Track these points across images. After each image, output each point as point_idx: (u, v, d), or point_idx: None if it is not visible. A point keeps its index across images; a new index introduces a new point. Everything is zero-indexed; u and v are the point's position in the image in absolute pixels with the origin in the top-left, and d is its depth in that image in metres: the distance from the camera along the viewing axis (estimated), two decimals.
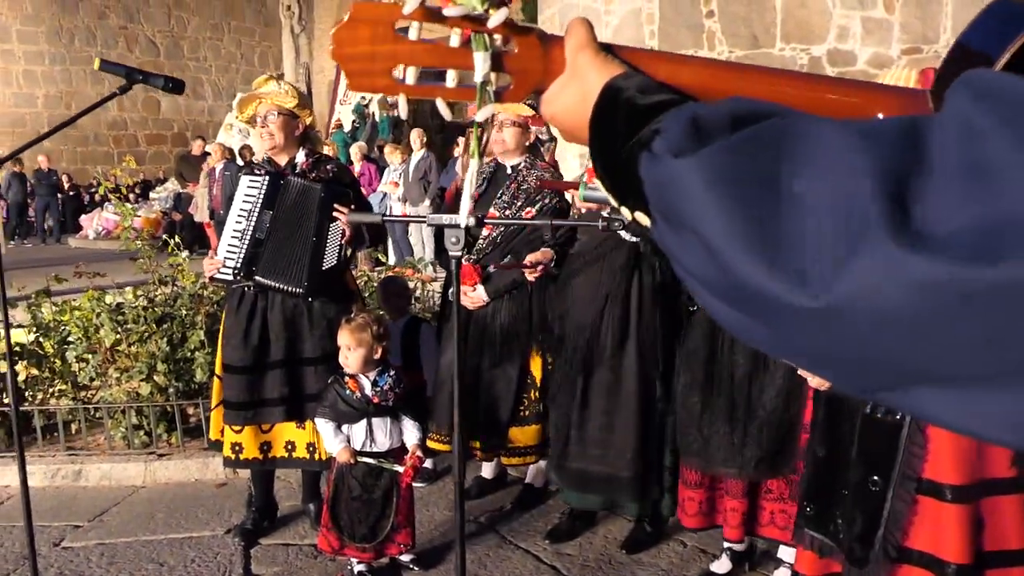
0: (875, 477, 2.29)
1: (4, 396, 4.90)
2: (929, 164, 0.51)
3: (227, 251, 3.46)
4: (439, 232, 4.27)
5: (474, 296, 3.74)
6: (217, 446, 3.74)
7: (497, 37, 0.82)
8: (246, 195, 3.50)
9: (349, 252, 3.62)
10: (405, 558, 3.47)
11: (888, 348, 0.52)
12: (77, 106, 20.78)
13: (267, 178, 3.48)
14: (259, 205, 3.47)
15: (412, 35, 0.81)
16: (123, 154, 21.22)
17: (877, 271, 0.49)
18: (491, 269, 3.73)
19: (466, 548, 2.65)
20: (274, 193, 3.46)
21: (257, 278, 3.43)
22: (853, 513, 2.34)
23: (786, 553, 3.25)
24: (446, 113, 0.89)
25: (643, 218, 0.71)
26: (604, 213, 3.03)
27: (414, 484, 3.44)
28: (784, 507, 3.12)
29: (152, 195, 16.10)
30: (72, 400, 4.93)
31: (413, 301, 5.88)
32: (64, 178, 18.58)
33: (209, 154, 13.09)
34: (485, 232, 3.76)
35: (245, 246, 3.44)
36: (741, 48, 8.28)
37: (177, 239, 6.03)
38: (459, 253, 1.83)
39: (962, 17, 7.86)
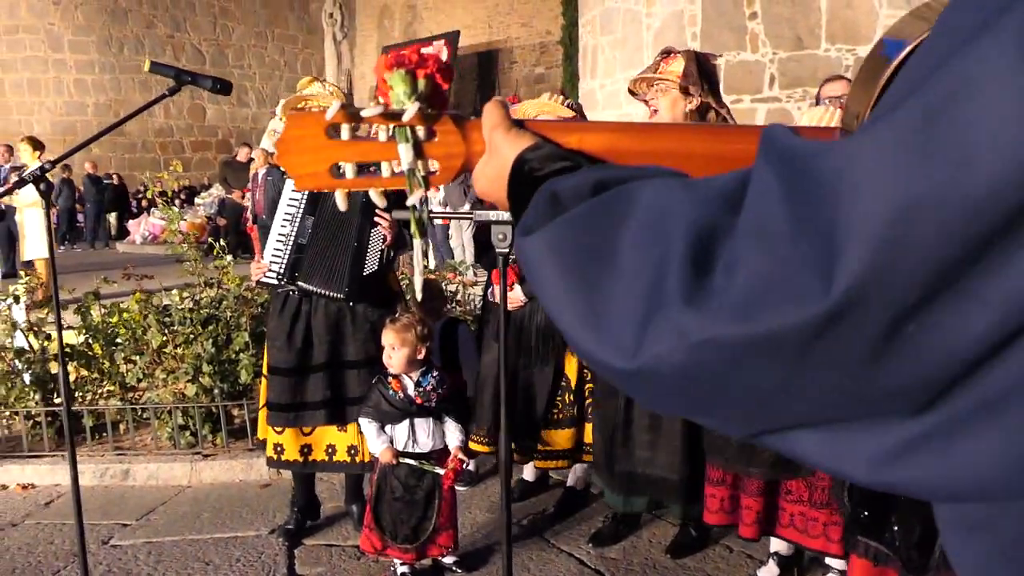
0: None
1: (55, 396, 5.00)
2: (735, 222, 0.54)
3: (272, 254, 3.49)
4: (480, 235, 4.28)
5: (512, 296, 3.72)
6: (264, 445, 3.77)
7: (420, 128, 0.89)
8: (290, 200, 3.53)
9: (391, 255, 3.62)
10: (448, 560, 3.46)
11: (687, 401, 0.58)
12: (125, 113, 21.22)
13: None
14: (302, 210, 3.49)
15: (344, 135, 0.89)
16: (169, 160, 21.67)
17: (669, 333, 0.53)
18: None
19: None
20: (316, 198, 3.48)
21: (300, 283, 3.46)
22: (910, 520, 2.28)
23: (834, 560, 3.19)
24: (380, 202, 0.94)
25: None
26: None
27: (456, 487, 3.43)
28: (804, 510, 3.09)
29: (197, 200, 16.36)
30: (120, 401, 5.01)
31: (455, 304, 5.89)
32: (115, 178, 18.99)
33: (253, 160, 13.26)
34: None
35: (289, 251, 3.47)
36: (785, 49, 8.19)
37: (222, 243, 6.11)
38: (506, 250, 1.81)
39: None
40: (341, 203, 0.95)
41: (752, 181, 0.55)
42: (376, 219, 3.46)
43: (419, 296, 2.47)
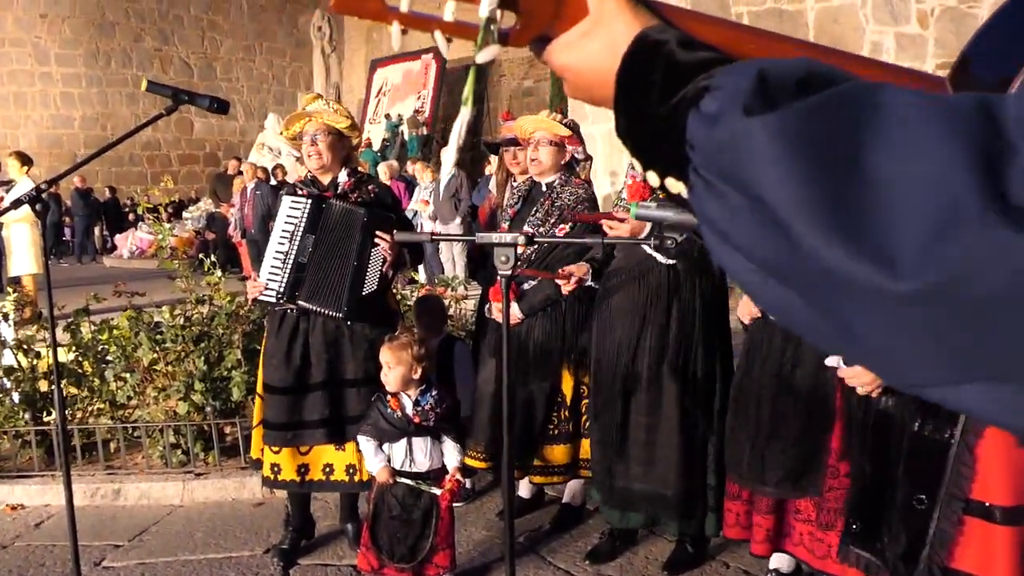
0: (921, 496, 2.25)
1: (44, 415, 4.96)
2: (1013, 144, 0.48)
3: (270, 273, 3.47)
4: (470, 250, 4.29)
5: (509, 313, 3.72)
6: (258, 464, 3.74)
7: None
8: (288, 216, 3.51)
9: (391, 274, 3.61)
10: None
11: (974, 336, 0.49)
12: (113, 127, 21.18)
13: (309, 201, 3.49)
14: (302, 228, 3.47)
15: None
16: (157, 174, 21.60)
17: (980, 254, 0.46)
18: (522, 271, 3.69)
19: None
20: (316, 216, 3.47)
21: (300, 302, 3.44)
22: (898, 531, 2.29)
23: None
24: (444, 48, 0.79)
25: (675, 184, 0.66)
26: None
27: (453, 503, 3.42)
28: (812, 530, 3.09)
29: (185, 214, 16.31)
30: (111, 419, 4.97)
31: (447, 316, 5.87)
32: (106, 191, 18.92)
33: (241, 174, 13.24)
34: (519, 249, 3.74)
35: (288, 269, 3.45)
36: None
37: (212, 258, 6.09)
38: (509, 272, 1.81)
39: None
40: (396, 40, 0.77)
41: (1020, 102, 0.49)
42: (376, 239, 3.45)
43: (455, 149, 1.93)
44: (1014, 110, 0.50)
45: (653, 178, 0.69)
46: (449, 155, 0.84)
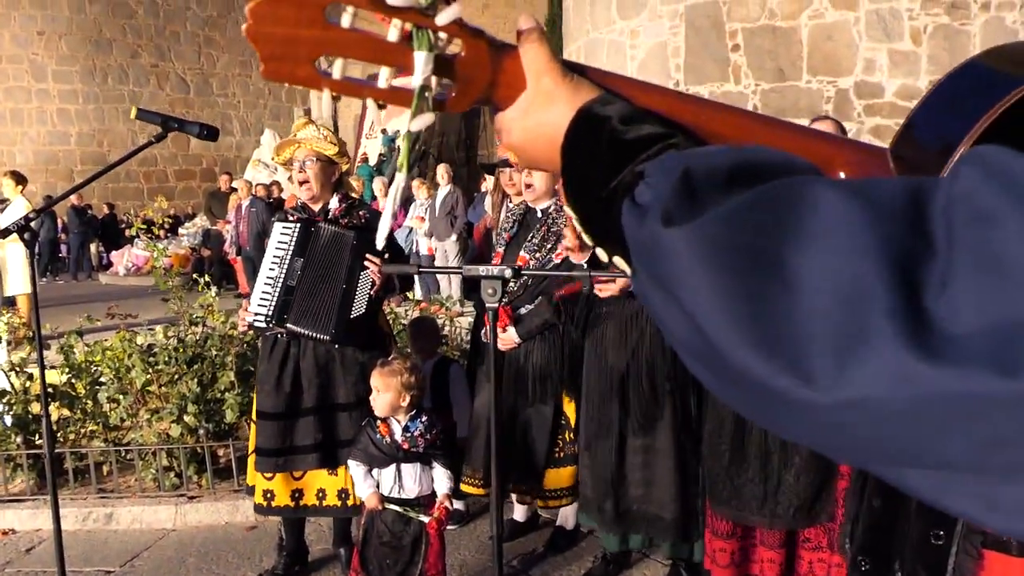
0: (939, 531, 2.22)
1: (36, 438, 4.93)
2: (935, 245, 0.48)
3: (260, 298, 3.46)
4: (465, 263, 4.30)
5: (505, 338, 3.72)
6: (252, 491, 3.72)
7: (443, 35, 0.72)
8: (279, 242, 3.51)
9: (381, 297, 3.61)
10: None
11: (888, 443, 0.50)
12: (109, 143, 21.20)
13: (298, 225, 3.49)
14: (291, 252, 3.47)
15: (344, 22, 0.70)
16: (153, 190, 21.63)
17: (887, 376, 0.46)
18: (506, 300, 3.67)
19: None
20: (305, 240, 3.47)
21: (288, 325, 3.44)
22: (914, 568, 2.27)
23: None
24: (376, 116, 0.78)
25: (622, 264, 0.66)
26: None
27: (447, 525, 3.40)
28: (822, 556, 3.03)
29: (181, 231, 16.30)
30: (104, 441, 4.95)
31: (443, 337, 5.86)
32: (104, 207, 18.92)
33: (236, 190, 13.24)
34: (521, 261, 3.74)
35: (277, 293, 3.45)
36: (767, 81, 8.28)
37: (207, 277, 6.07)
38: (495, 305, 1.81)
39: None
40: (326, 107, 0.75)
41: (957, 201, 0.48)
42: (365, 262, 3.45)
43: (380, 243, 2.08)
44: (941, 200, 0.49)
45: (602, 254, 0.69)
46: (384, 221, 0.82)
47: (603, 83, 0.76)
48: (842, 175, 0.77)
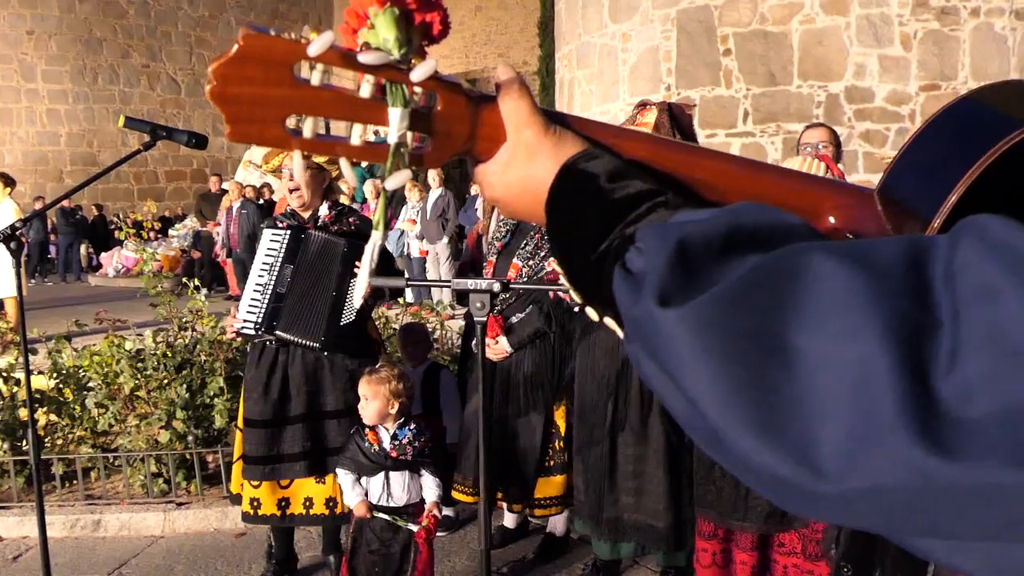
0: None
1: (24, 443, 4.90)
2: (940, 317, 0.47)
3: (249, 305, 3.45)
4: (458, 273, 4.30)
5: (497, 348, 3.72)
6: (237, 499, 3.70)
7: (418, 90, 0.70)
8: (268, 249, 3.49)
9: (371, 304, 3.60)
10: None
11: (900, 523, 0.49)
12: (99, 144, 21.10)
13: (288, 232, 3.48)
14: (280, 259, 3.46)
15: (315, 80, 0.67)
16: (143, 191, 21.55)
17: (897, 468, 0.45)
18: (498, 309, 3.66)
19: None
20: (295, 247, 3.46)
21: (278, 332, 3.42)
22: (895, 573, 2.28)
23: None
24: (350, 177, 0.76)
25: (614, 325, 0.64)
26: None
27: (436, 533, 3.39)
28: (797, 562, 3.06)
29: (171, 232, 16.23)
30: (92, 447, 4.92)
31: (434, 342, 5.85)
32: (93, 208, 18.83)
33: (227, 192, 13.20)
34: (512, 272, 3.74)
35: (267, 300, 3.43)
36: (758, 85, 8.30)
37: (196, 281, 6.05)
38: (484, 319, 1.80)
39: (980, 54, 7.85)
40: (298, 170, 0.75)
41: (963, 275, 0.47)
42: (355, 268, 3.43)
43: (357, 302, 2.12)
44: (941, 268, 0.48)
45: (592, 313, 0.67)
46: (361, 279, 0.81)
47: (587, 134, 0.74)
48: (831, 220, 0.76)
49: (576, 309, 3.54)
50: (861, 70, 8.01)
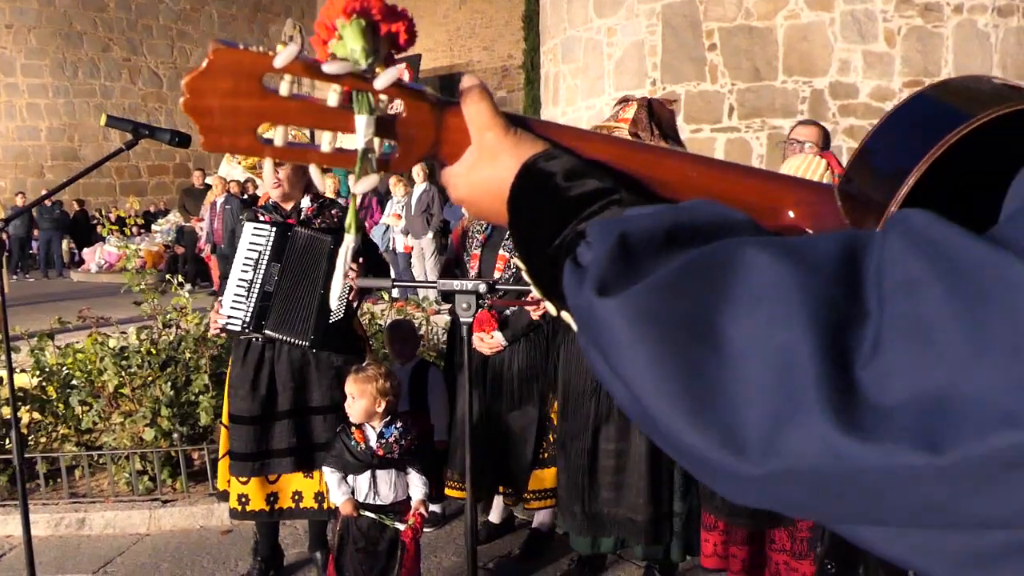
0: None
1: (7, 442, 4.86)
2: (867, 308, 0.49)
3: (233, 302, 3.43)
4: (445, 268, 4.30)
5: (492, 342, 3.73)
6: (224, 496, 3.69)
7: (383, 97, 0.73)
8: (251, 244, 3.47)
9: (358, 303, 3.59)
10: None
11: (827, 507, 0.51)
12: (80, 138, 20.92)
13: (274, 229, 3.46)
14: (267, 257, 3.44)
15: (283, 90, 0.71)
16: (125, 186, 21.40)
17: (814, 452, 0.47)
18: (488, 304, 3.67)
19: None
20: (282, 245, 3.44)
21: (267, 331, 3.41)
22: (877, 571, 2.30)
23: None
24: (319, 182, 0.78)
25: (569, 319, 0.66)
26: None
27: (423, 528, 3.39)
28: (787, 559, 3.10)
29: (154, 227, 16.13)
30: (75, 445, 4.89)
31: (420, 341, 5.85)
32: (75, 203, 18.67)
33: (211, 187, 13.12)
34: (497, 275, 3.75)
35: (254, 299, 3.41)
36: (743, 81, 8.33)
37: (180, 277, 6.01)
38: (470, 320, 1.80)
39: (963, 50, 7.90)
40: (268, 176, 0.77)
41: (890, 268, 0.49)
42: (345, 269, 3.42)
43: (333, 305, 2.09)
44: (874, 261, 0.50)
45: (550, 307, 0.70)
46: (335, 288, 0.83)
47: (548, 136, 0.76)
48: (791, 214, 0.78)
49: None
50: (845, 66, 8.05)
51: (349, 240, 0.78)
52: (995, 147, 0.60)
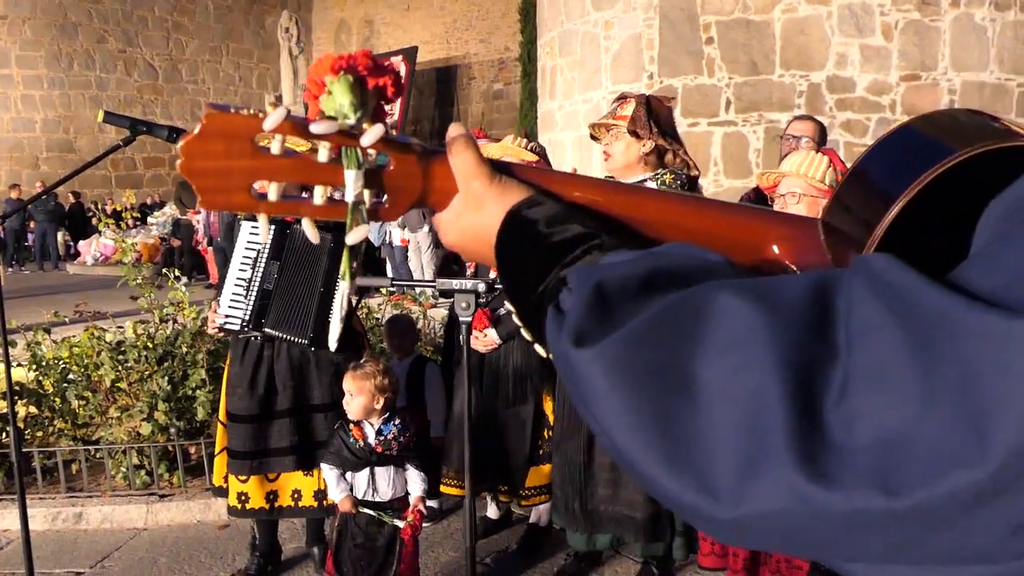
0: None
1: (4, 436, 4.86)
2: (837, 350, 0.50)
3: (231, 300, 3.43)
4: (441, 261, 4.30)
5: (485, 340, 3.73)
6: (221, 492, 3.69)
7: (372, 152, 0.76)
8: (249, 242, 3.47)
9: (357, 300, 3.59)
10: None
11: (801, 546, 0.53)
12: (75, 130, 20.85)
13: (272, 227, 3.45)
14: (265, 255, 3.43)
15: (275, 149, 0.74)
16: (121, 178, 21.33)
17: (781, 497, 0.48)
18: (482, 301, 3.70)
19: None
20: (280, 242, 3.43)
21: (266, 329, 3.41)
22: None
23: None
24: (313, 236, 0.82)
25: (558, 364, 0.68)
26: None
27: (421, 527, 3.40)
28: (789, 557, 3.11)
29: (150, 220, 16.10)
30: (72, 440, 4.88)
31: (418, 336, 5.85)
32: (69, 196, 18.62)
33: None
34: (494, 273, 3.74)
35: (253, 297, 3.41)
36: (740, 74, 8.32)
37: (176, 270, 6.00)
38: (469, 319, 1.80)
39: (960, 44, 7.90)
40: (312, 234, 0.81)
41: (854, 311, 0.50)
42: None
43: (332, 346, 2.23)
44: (844, 303, 0.51)
45: (540, 350, 0.72)
46: (334, 329, 0.88)
47: (532, 181, 0.79)
48: (775, 249, 0.80)
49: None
50: (843, 60, 8.05)
51: (344, 287, 0.83)
52: (975, 183, 0.61)
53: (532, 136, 8.32)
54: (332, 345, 0.90)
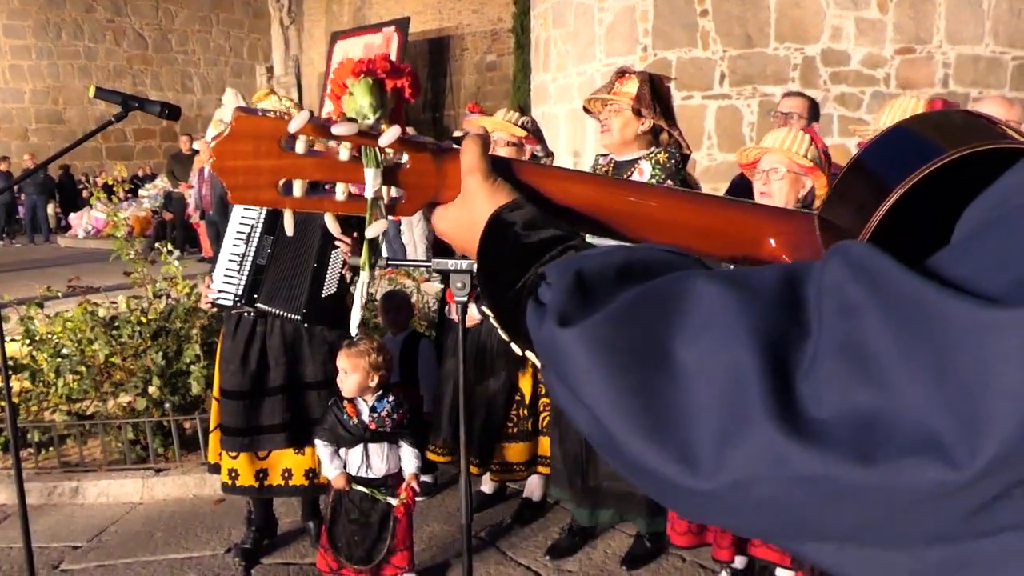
0: None
1: None
2: (808, 328, 0.52)
3: (225, 275, 3.42)
4: (439, 243, 4.30)
5: (469, 316, 3.74)
6: (216, 469, 3.71)
7: (389, 151, 0.81)
8: (243, 217, 3.46)
9: (351, 276, 3.59)
10: None
11: (772, 521, 0.54)
12: (64, 101, 20.64)
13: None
14: (259, 230, 3.43)
15: (299, 148, 0.79)
16: (111, 150, 21.16)
17: (760, 460, 0.50)
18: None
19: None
20: (275, 217, 3.42)
21: (259, 304, 3.41)
22: None
23: (784, 572, 3.27)
24: (334, 229, 0.87)
25: (534, 358, 0.71)
26: None
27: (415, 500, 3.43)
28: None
29: (142, 192, 15.99)
30: (67, 415, 4.89)
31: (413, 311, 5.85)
32: (59, 168, 18.46)
33: (198, 152, 13.00)
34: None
35: (246, 272, 3.40)
36: (735, 47, 8.26)
37: (168, 244, 5.98)
38: (464, 299, 1.81)
39: (956, 17, 7.86)
40: (289, 226, 0.85)
41: (826, 292, 0.52)
42: (336, 240, 3.42)
43: (354, 332, 2.29)
44: (814, 287, 0.53)
45: (516, 348, 0.75)
46: (355, 316, 0.91)
47: (527, 181, 0.83)
48: (772, 243, 0.83)
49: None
50: (837, 33, 8.00)
51: (364, 277, 0.88)
52: (970, 183, 0.62)
53: (526, 109, 8.27)
54: (354, 331, 0.94)
